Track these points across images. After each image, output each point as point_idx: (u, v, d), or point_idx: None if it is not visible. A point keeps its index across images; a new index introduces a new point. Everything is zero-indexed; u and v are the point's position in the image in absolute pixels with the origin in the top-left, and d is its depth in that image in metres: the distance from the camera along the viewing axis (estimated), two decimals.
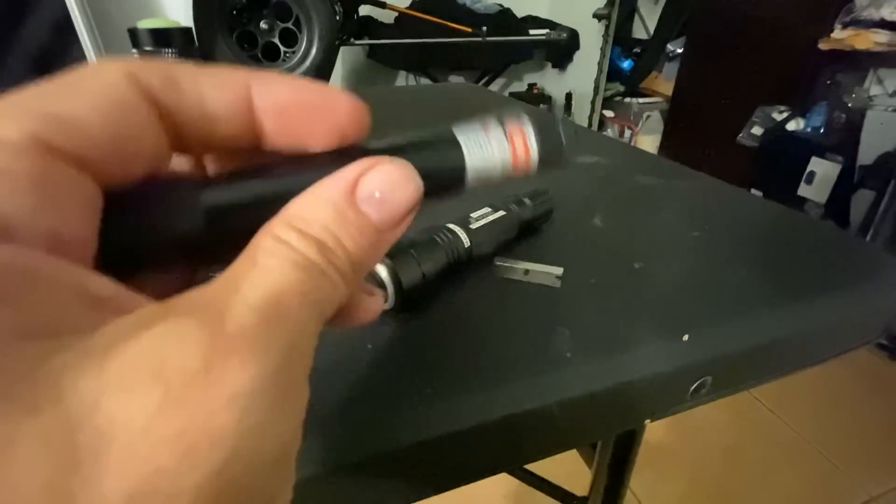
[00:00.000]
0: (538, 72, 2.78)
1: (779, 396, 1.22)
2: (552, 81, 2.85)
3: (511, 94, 2.78)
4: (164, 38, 0.62)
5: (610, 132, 2.87)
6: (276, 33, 1.64)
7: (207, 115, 0.11)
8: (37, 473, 0.06)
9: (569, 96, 2.98)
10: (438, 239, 0.28)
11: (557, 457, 0.25)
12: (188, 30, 0.65)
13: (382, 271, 0.25)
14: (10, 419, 0.06)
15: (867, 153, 1.63)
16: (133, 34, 0.62)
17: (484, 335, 0.26)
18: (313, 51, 1.66)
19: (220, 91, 0.11)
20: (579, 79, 2.69)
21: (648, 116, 2.64)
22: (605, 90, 2.43)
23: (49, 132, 0.09)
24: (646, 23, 2.75)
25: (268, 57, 1.62)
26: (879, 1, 1.82)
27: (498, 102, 0.85)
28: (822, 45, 1.90)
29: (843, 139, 1.79)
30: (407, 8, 2.05)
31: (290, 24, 1.64)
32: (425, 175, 0.11)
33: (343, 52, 1.94)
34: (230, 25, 1.54)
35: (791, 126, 1.97)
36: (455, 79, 2.41)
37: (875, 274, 0.33)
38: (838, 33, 1.89)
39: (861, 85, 1.96)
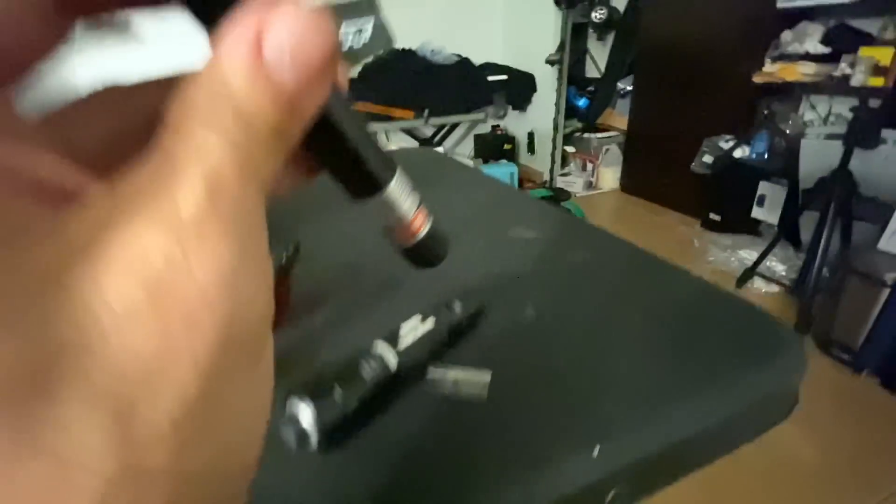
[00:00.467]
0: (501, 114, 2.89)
1: None
2: (515, 122, 2.97)
3: (476, 136, 2.88)
4: None
5: (573, 166, 2.98)
6: None
7: None
8: (19, 357, 0.07)
9: (531, 135, 3.09)
10: (363, 368, 0.29)
11: None
12: None
13: (304, 415, 0.26)
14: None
15: (807, 177, 1.74)
16: None
17: (411, 463, 0.27)
18: None
19: None
20: (539, 118, 2.82)
21: (607, 150, 2.76)
22: (565, 128, 2.55)
23: None
24: (597, 63, 2.92)
25: None
26: (802, 37, 1.98)
27: (454, 168, 0.89)
28: (756, 79, 2.05)
29: (785, 163, 1.91)
30: (367, 64, 2.15)
31: None
32: (357, 162, 0.12)
33: None
34: None
35: (738, 153, 2.09)
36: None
37: (781, 352, 0.35)
38: (769, 67, 2.05)
39: (796, 112, 2.10)
